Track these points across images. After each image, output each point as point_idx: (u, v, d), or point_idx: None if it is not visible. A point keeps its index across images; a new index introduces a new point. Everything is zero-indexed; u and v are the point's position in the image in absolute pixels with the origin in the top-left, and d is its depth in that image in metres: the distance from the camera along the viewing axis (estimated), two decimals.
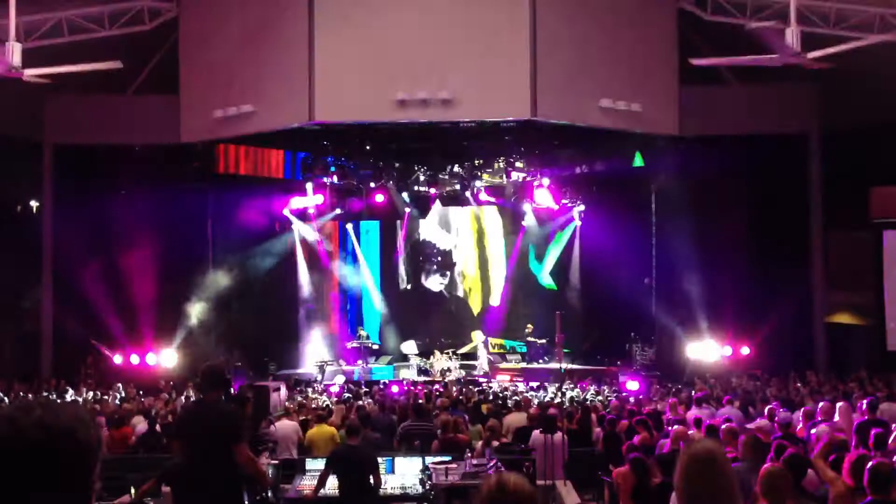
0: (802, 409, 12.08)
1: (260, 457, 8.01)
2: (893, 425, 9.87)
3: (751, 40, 16.30)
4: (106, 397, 17.44)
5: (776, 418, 11.15)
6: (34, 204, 22.58)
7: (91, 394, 18.10)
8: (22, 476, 1.72)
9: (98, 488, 1.86)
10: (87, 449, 1.81)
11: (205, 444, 6.07)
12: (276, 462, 9.43)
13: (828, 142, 21.61)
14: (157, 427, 12.62)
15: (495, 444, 10.69)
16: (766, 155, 21.10)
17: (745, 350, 21.18)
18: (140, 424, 13.15)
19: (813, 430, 10.18)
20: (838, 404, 11.71)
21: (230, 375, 6.98)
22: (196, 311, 21.42)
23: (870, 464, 5.42)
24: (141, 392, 18.29)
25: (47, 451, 1.74)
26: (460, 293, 26.67)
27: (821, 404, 11.87)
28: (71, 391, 18.36)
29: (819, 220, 21.89)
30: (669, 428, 10.79)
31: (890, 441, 8.31)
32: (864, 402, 11.11)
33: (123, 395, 17.94)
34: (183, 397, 16.69)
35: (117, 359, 20.89)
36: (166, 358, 21.03)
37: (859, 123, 21.06)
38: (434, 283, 26.57)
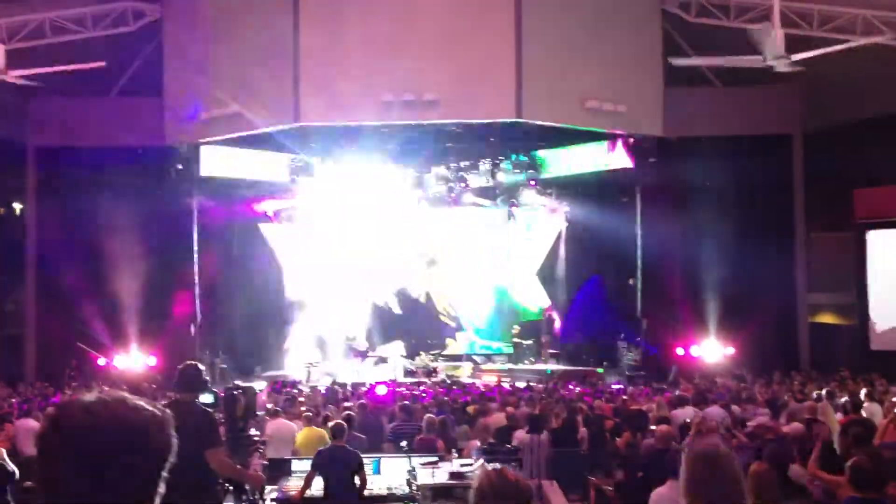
0: (786, 410, 12.14)
1: (252, 458, 7.96)
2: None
3: (734, 42, 16.42)
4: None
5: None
6: (17, 206, 22.47)
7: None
8: (93, 469, 1.70)
9: (162, 492, 1.84)
10: (159, 450, 1.80)
11: (178, 446, 5.96)
12: (265, 462, 9.40)
13: (811, 143, 21.75)
14: None
15: (480, 444, 10.70)
16: (749, 156, 21.21)
17: (730, 350, 21.28)
18: None
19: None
20: (819, 404, 11.77)
21: (208, 377, 6.89)
22: (180, 312, 21.34)
23: (851, 461, 5.45)
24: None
25: (120, 447, 1.73)
26: (447, 295, 26.65)
27: (805, 404, 11.94)
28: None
29: (802, 220, 22.03)
30: (653, 427, 10.82)
31: (875, 441, 8.36)
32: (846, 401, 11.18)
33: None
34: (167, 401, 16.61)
35: (101, 361, 20.80)
36: (150, 360, 20.95)
37: (842, 125, 21.22)
38: (421, 284, 26.55)
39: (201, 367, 6.62)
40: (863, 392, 13.13)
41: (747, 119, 21.38)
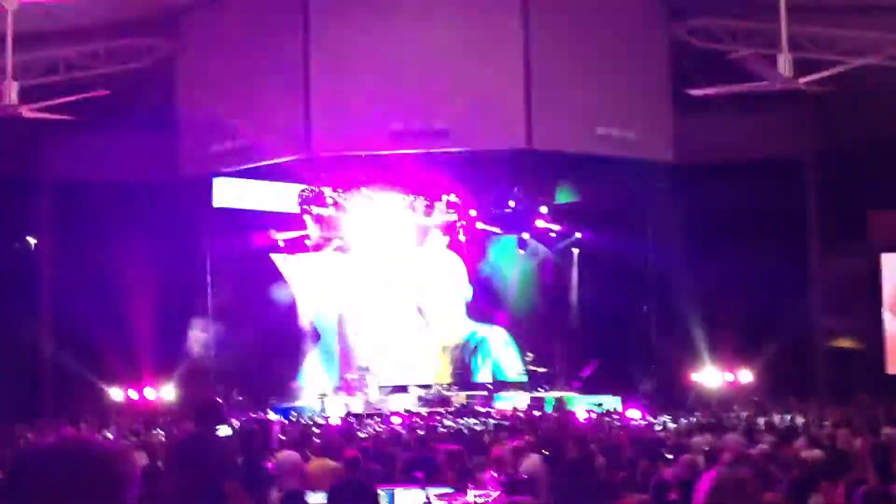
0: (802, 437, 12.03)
1: (270, 491, 7.93)
2: None
3: (743, 67, 16.43)
4: (107, 433, 17.33)
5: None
6: (32, 240, 22.60)
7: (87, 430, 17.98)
8: (57, 498, 1.76)
9: None
10: (119, 485, 1.85)
11: (194, 478, 5.95)
12: (281, 496, 9.35)
13: (823, 166, 21.71)
14: (159, 463, 12.54)
15: (496, 474, 10.62)
16: (762, 180, 21.17)
17: (747, 376, 21.14)
18: (140, 460, 13.06)
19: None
20: (839, 431, 11.68)
21: (226, 409, 6.88)
22: (195, 344, 21.38)
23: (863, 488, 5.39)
24: (141, 427, 18.20)
25: (84, 476, 1.78)
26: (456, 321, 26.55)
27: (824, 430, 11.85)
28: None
29: (817, 244, 21.94)
30: (670, 455, 10.74)
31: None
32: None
33: (118, 430, 17.80)
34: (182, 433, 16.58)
35: (117, 394, 20.81)
36: (165, 392, 20.96)
37: (854, 148, 21.21)
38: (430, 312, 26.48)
39: (220, 400, 6.64)
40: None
41: (759, 143, 21.38)
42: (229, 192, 22.34)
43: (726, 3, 19.08)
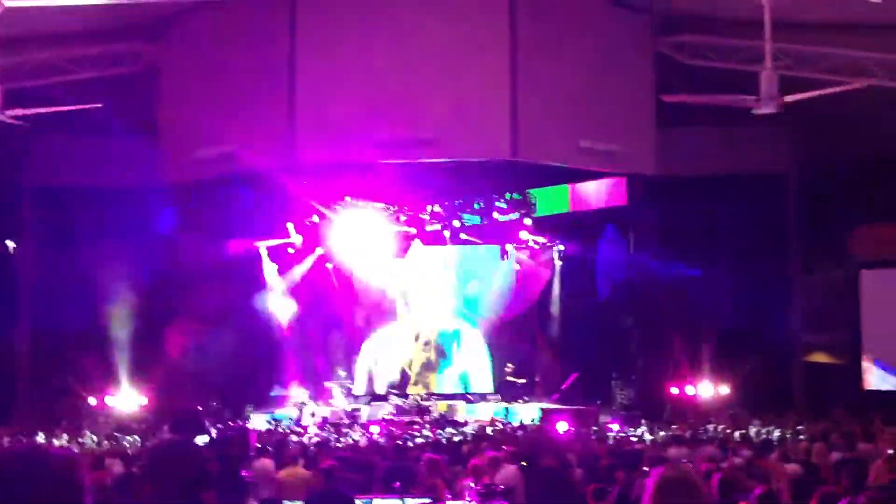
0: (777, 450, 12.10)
1: (246, 500, 7.92)
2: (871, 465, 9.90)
3: (728, 83, 16.55)
4: (81, 439, 17.23)
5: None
6: (11, 245, 22.45)
7: (66, 436, 17.86)
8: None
9: None
10: (73, 486, 1.88)
11: (171, 488, 5.88)
12: None
13: (804, 182, 21.86)
14: (134, 469, 12.46)
15: (474, 484, 10.61)
16: (743, 195, 21.31)
17: (725, 389, 21.23)
18: (115, 467, 12.98)
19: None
20: (815, 445, 11.75)
21: (204, 418, 6.86)
22: (172, 350, 21.29)
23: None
24: (117, 434, 18.11)
25: (36, 483, 1.79)
26: (438, 332, 26.58)
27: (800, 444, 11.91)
28: (42, 435, 18.07)
29: (797, 259, 22.07)
30: (647, 468, 10.77)
31: (870, 479, 8.35)
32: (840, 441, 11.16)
33: (95, 437, 17.71)
34: (158, 440, 16.50)
35: (92, 400, 20.68)
36: (141, 399, 20.85)
37: (835, 164, 21.39)
38: (414, 321, 26.49)
39: (199, 408, 6.62)
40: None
41: (741, 158, 21.50)
42: (211, 199, 22.26)
43: (711, 19, 19.22)
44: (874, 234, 21.62)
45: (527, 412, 22.31)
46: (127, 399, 20.83)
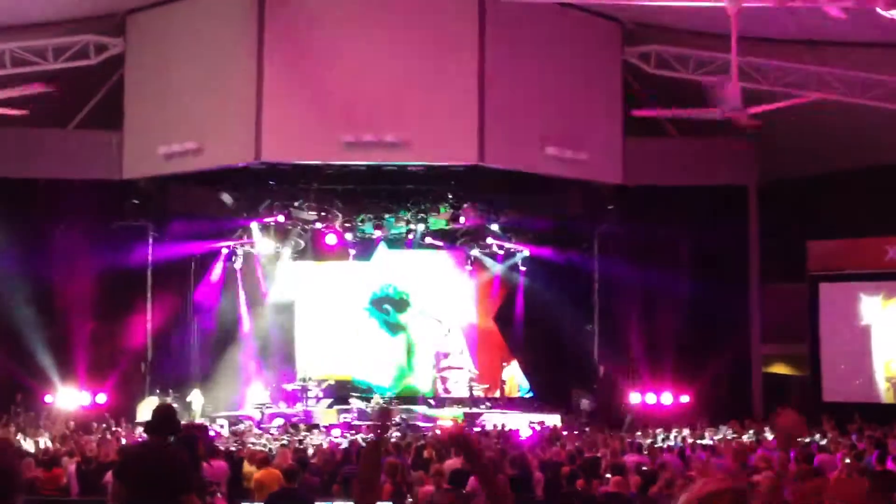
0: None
1: (214, 499, 7.79)
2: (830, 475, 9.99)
3: (693, 93, 16.72)
4: (37, 438, 16.91)
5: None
6: None
7: (20, 434, 17.53)
8: None
9: None
10: (8, 478, 1.86)
11: (150, 490, 5.71)
12: None
13: (766, 195, 22.10)
14: (92, 467, 12.27)
15: (435, 489, 10.58)
16: (705, 206, 21.48)
17: (685, 399, 21.38)
18: (72, 465, 12.77)
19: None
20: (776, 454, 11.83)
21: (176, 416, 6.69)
22: (131, 349, 21.02)
23: None
24: (73, 432, 17.79)
25: None
26: (404, 337, 26.53)
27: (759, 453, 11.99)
28: None
29: (757, 271, 22.29)
30: (608, 475, 10.82)
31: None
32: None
33: (50, 435, 17.39)
34: (115, 438, 16.25)
35: (48, 397, 20.34)
36: (99, 397, 20.54)
37: (796, 178, 21.67)
38: (378, 326, 26.40)
39: (175, 406, 6.48)
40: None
41: (704, 170, 21.67)
42: (174, 197, 22.04)
43: (679, 31, 19.40)
44: (833, 247, 21.93)
45: (490, 418, 22.31)
46: (83, 396, 20.50)
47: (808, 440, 14.47)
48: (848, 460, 11.73)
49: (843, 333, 21.61)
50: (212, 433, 16.35)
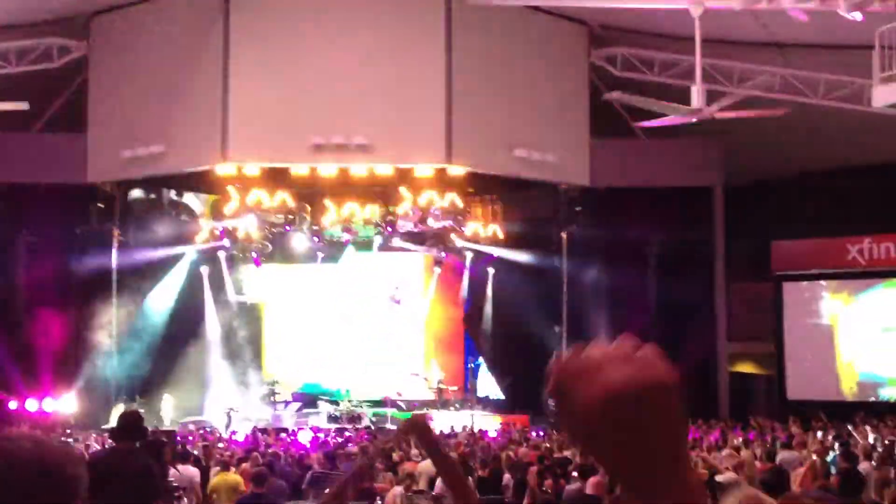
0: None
1: None
2: (793, 473, 10.10)
3: (659, 96, 16.86)
4: None
5: None
6: None
7: None
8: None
9: None
10: (73, 485, 1.80)
11: (115, 496, 5.67)
12: None
13: (731, 196, 22.31)
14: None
15: (406, 492, 10.58)
16: (672, 207, 21.65)
17: None
18: None
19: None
20: (743, 453, 11.95)
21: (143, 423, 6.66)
22: (98, 354, 20.80)
23: None
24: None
25: (37, 483, 1.72)
26: (375, 339, 26.43)
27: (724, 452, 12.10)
28: None
29: (722, 271, 22.51)
30: (575, 474, 10.86)
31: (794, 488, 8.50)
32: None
33: None
34: (83, 445, 16.08)
35: (12, 404, 20.06)
36: (65, 404, 20.30)
37: (761, 179, 21.90)
38: (345, 328, 26.29)
39: (141, 412, 6.44)
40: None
41: (670, 171, 21.83)
42: (139, 201, 21.85)
43: (644, 33, 19.56)
44: (796, 247, 22.20)
45: (458, 420, 22.30)
46: (49, 403, 20.25)
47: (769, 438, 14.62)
48: (814, 457, 11.85)
49: (808, 332, 21.88)
50: (184, 438, 16.23)
